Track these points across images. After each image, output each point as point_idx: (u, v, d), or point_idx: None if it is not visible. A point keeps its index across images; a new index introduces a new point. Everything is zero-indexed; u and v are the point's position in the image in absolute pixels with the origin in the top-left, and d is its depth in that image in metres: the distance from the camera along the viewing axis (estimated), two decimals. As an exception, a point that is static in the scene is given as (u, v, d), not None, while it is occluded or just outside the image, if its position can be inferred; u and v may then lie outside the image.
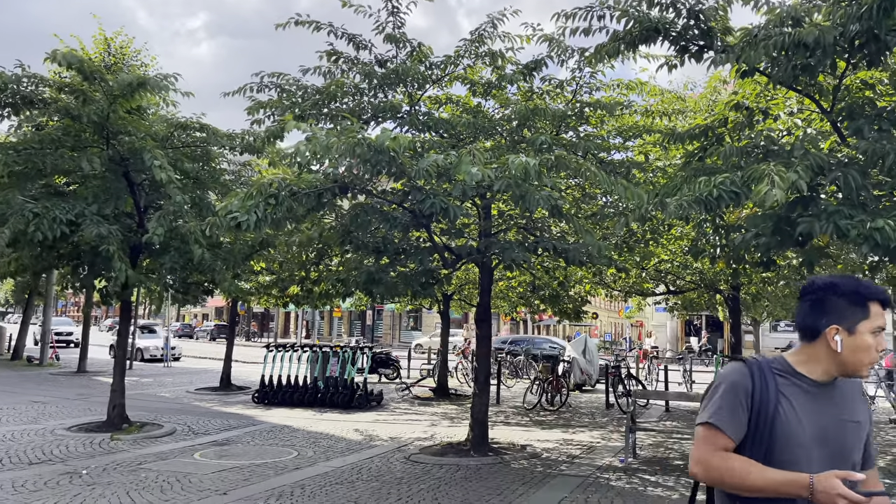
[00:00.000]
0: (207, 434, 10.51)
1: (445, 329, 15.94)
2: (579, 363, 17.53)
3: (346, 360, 14.31)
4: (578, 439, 10.27)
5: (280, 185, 5.34)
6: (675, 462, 8.51)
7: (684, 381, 17.51)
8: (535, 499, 6.61)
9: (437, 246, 6.82)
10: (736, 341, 13.64)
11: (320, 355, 14.45)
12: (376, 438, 10.23)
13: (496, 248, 6.55)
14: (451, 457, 8.60)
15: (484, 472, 7.76)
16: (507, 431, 10.97)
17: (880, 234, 4.71)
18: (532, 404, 13.88)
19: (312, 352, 14.74)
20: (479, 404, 9.01)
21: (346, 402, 13.67)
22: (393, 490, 6.94)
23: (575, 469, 7.98)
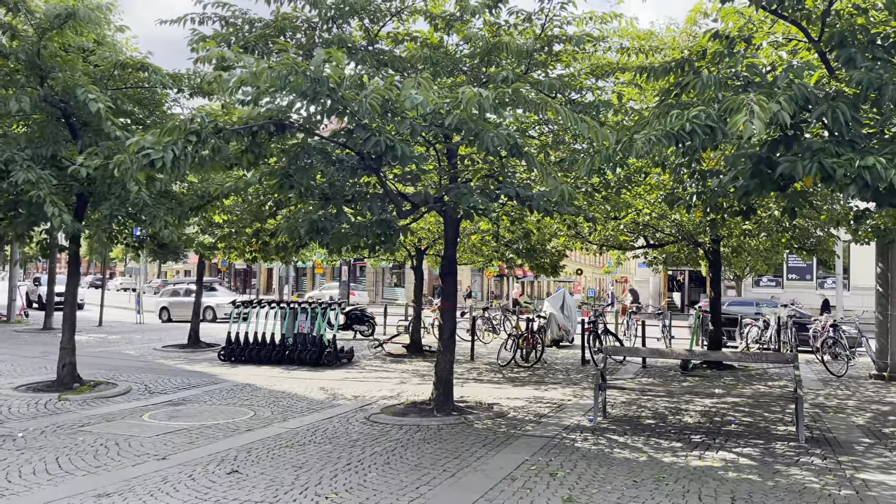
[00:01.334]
0: (164, 393, 10.05)
1: (419, 285, 15.49)
2: (557, 319, 17.19)
3: (317, 317, 13.85)
4: (550, 397, 9.90)
5: (203, 122, 4.73)
6: (646, 421, 8.15)
7: (663, 337, 17.24)
8: (493, 462, 6.21)
9: (390, 192, 6.25)
10: (716, 296, 13.26)
11: (289, 312, 13.99)
12: (340, 397, 9.81)
13: (453, 194, 6.00)
14: (412, 416, 8.19)
15: (444, 433, 7.35)
16: (478, 389, 10.59)
17: (870, 174, 4.21)
18: (506, 361, 13.53)
19: (281, 308, 14.27)
20: (444, 362, 8.57)
21: (315, 359, 13.25)
22: (344, 453, 6.52)
23: (541, 429, 7.59)
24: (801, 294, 34.21)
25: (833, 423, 8.25)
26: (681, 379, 11.90)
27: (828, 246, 12.18)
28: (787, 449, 6.79)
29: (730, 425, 7.97)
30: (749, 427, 7.90)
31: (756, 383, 11.57)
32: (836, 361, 12.77)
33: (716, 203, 6.71)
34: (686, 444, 6.97)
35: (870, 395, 10.65)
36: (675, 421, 8.19)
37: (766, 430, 7.75)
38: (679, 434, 7.43)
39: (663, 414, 8.62)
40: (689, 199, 6.60)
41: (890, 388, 11.22)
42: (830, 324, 13.31)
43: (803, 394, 7.25)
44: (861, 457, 6.52)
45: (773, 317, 15.89)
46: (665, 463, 6.20)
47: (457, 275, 8.79)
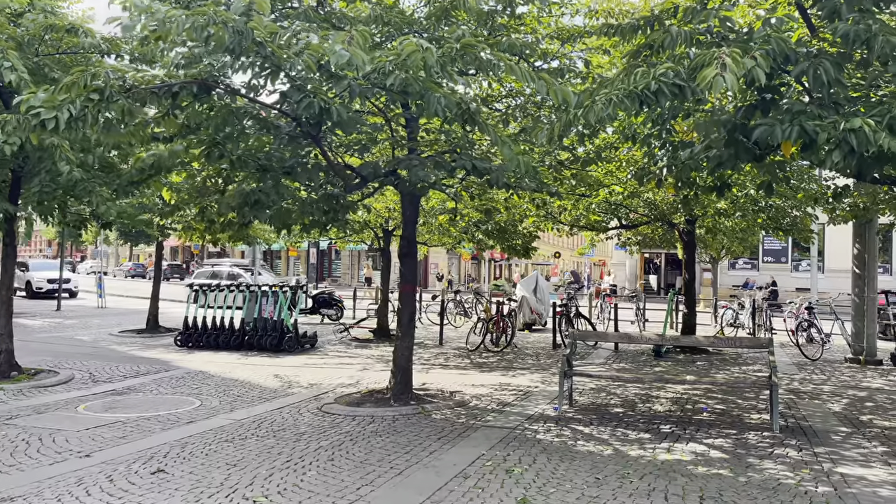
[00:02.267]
0: (109, 382, 9.45)
1: (386, 266, 14.93)
2: (529, 302, 16.78)
3: (281, 301, 13.28)
4: (517, 383, 9.46)
5: (107, 78, 4.13)
6: (614, 410, 7.72)
7: (637, 321, 16.90)
8: (447, 457, 5.73)
9: (333, 163, 5.69)
10: (690, 278, 12.89)
11: (248, 295, 13.40)
12: (296, 385, 9.29)
13: (403, 166, 5.45)
14: (368, 406, 7.69)
15: (399, 425, 6.86)
16: (443, 375, 10.12)
17: (856, 138, 3.73)
18: (475, 345, 13.07)
19: (243, 292, 13.66)
20: (402, 349, 8.07)
21: (275, 345, 12.68)
22: (287, 448, 6.00)
23: (502, 419, 7.14)
24: (777, 276, 34.20)
25: (808, 410, 7.90)
26: (653, 364, 11.52)
27: (805, 225, 11.82)
28: (761, 439, 6.40)
29: (701, 413, 7.58)
30: (721, 415, 7.51)
31: (730, 368, 11.23)
32: (811, 345, 12.49)
33: (688, 177, 6.24)
34: (655, 434, 6.55)
35: (845, 379, 10.35)
36: (645, 409, 7.78)
37: (740, 418, 7.37)
38: (648, 424, 7.01)
39: (633, 401, 8.21)
40: (658, 173, 6.13)
41: (866, 373, 10.94)
42: (805, 306, 13.01)
43: (778, 380, 6.86)
44: (838, 448, 6.15)
45: (747, 299, 15.61)
46: (631, 457, 5.77)
47: (416, 256, 8.27)
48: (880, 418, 7.55)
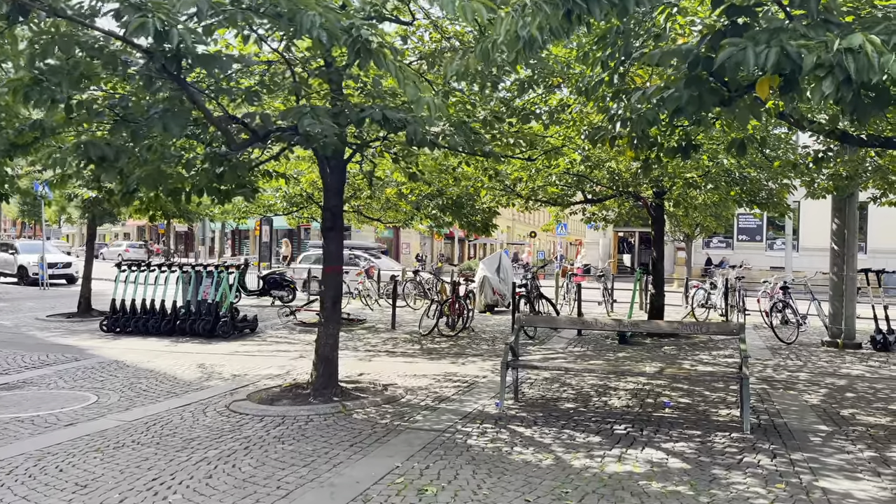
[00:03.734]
0: (5, 374, 8.34)
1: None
2: (491, 282, 15.82)
3: (224, 283, 12.17)
4: (464, 373, 8.50)
5: None
6: (565, 405, 6.78)
7: (604, 301, 16.04)
8: (352, 471, 4.74)
9: (209, 112, 4.57)
10: (659, 256, 11.98)
11: (193, 276, 12.26)
12: (216, 377, 8.24)
13: (291, 117, 4.38)
14: (283, 404, 6.66)
15: (310, 428, 5.85)
16: (386, 364, 9.12)
17: (855, 61, 2.74)
18: (428, 329, 12.09)
19: (172, 272, 12.52)
20: (325, 337, 7.04)
21: (209, 330, 11.60)
22: (161, 461, 4.97)
23: (434, 418, 6.15)
24: (752, 255, 33.65)
25: (783, 403, 7.02)
26: (617, 349, 10.63)
27: (781, 198, 10.93)
28: (730, 442, 5.49)
29: (663, 409, 6.66)
30: (686, 411, 6.60)
31: (700, 353, 10.37)
32: (785, 327, 11.68)
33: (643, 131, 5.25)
34: (606, 437, 5.61)
35: (823, 365, 9.52)
36: (600, 404, 6.84)
37: (706, 414, 6.46)
38: (601, 423, 6.07)
39: (588, 395, 7.28)
40: (611, 129, 5.13)
41: (844, 358, 10.14)
42: (780, 286, 12.18)
43: (749, 373, 5.94)
44: (819, 453, 5.25)
45: (720, 278, 14.79)
46: (574, 468, 4.82)
47: (341, 231, 7.22)
48: (863, 412, 6.69)
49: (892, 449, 5.38)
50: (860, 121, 3.54)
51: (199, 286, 12.17)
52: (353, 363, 9.22)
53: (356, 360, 9.55)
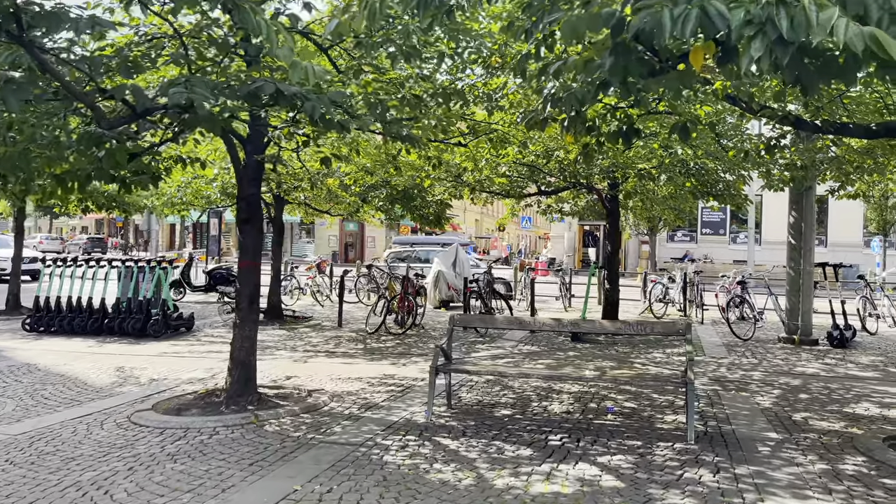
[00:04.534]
0: None
1: (278, 240, 13.15)
2: (446, 277, 15.28)
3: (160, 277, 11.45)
4: (403, 375, 7.95)
5: None
6: (501, 411, 6.26)
7: (561, 296, 15.62)
8: (241, 497, 4.15)
9: (67, 84, 3.92)
10: (613, 250, 11.56)
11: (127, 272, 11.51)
12: (132, 381, 7.57)
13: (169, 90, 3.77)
14: (190, 414, 6.04)
15: (212, 443, 5.25)
16: (321, 366, 8.53)
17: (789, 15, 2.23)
18: (375, 327, 11.52)
19: (101, 267, 11.75)
20: (240, 339, 6.42)
21: (139, 328, 10.88)
22: (26, 486, 4.33)
23: (354, 430, 5.59)
24: (715, 249, 33.66)
25: (734, 406, 6.60)
26: (569, 348, 10.18)
27: (738, 190, 10.56)
28: (671, 454, 5.02)
29: (606, 415, 6.19)
30: (629, 417, 6.14)
31: (654, 351, 9.97)
32: (743, 323, 11.34)
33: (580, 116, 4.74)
34: (539, 450, 5.10)
35: (778, 363, 9.18)
36: (539, 410, 6.35)
37: (650, 421, 6.00)
38: (536, 432, 5.57)
39: (529, 399, 6.78)
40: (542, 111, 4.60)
41: (800, 355, 9.81)
42: (738, 281, 11.86)
43: (694, 377, 5.48)
44: (766, 465, 4.81)
45: (678, 272, 14.46)
46: (496, 489, 4.29)
47: (260, 223, 6.60)
48: (817, 416, 6.30)
49: (846, 460, 4.97)
50: (806, 93, 3.05)
51: (135, 282, 11.43)
52: (286, 365, 8.62)
53: (291, 361, 8.95)
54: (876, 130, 5.61)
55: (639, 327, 6.11)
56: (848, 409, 6.60)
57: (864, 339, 11.43)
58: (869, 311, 12.24)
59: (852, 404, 6.84)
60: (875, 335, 11.88)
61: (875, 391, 7.53)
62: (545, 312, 14.99)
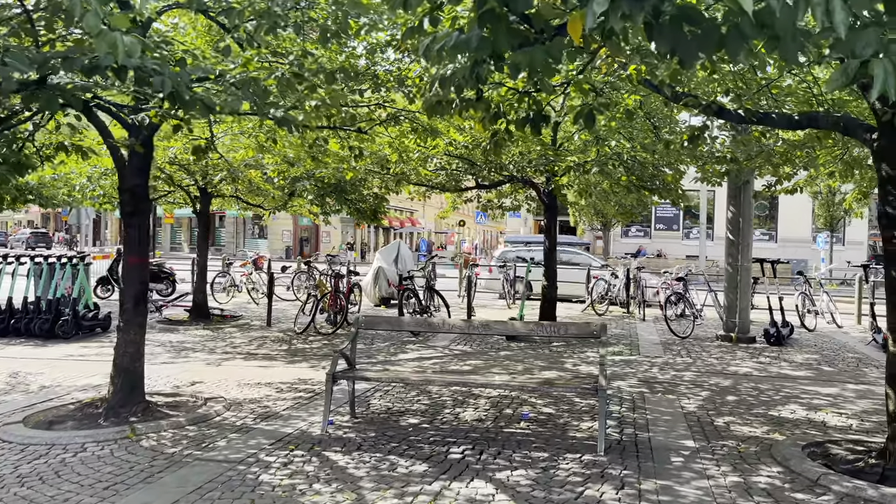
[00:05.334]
0: None
1: (203, 235, 12.49)
2: (387, 274, 14.81)
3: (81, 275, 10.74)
4: (318, 380, 7.45)
5: None
6: (408, 420, 5.83)
7: (505, 294, 15.27)
8: (78, 530, 3.64)
9: None
10: (550, 247, 11.22)
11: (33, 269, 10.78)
12: (20, 389, 6.95)
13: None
14: (62, 427, 5.46)
15: (75, 462, 4.70)
16: (234, 370, 7.98)
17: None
18: (303, 327, 10.99)
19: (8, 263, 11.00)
20: (124, 343, 5.86)
21: (47, 329, 10.17)
22: None
23: (239, 444, 5.09)
24: (669, 244, 33.82)
25: (657, 410, 6.28)
26: (501, 347, 9.81)
27: (677, 184, 10.30)
28: (577, 468, 4.64)
29: (520, 422, 5.80)
30: (544, 424, 5.76)
31: (589, 350, 9.65)
32: (682, 320, 11.12)
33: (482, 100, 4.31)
34: (436, 464, 4.68)
35: (712, 362, 8.94)
36: (451, 418, 5.93)
37: (564, 429, 5.63)
38: (439, 444, 5.14)
39: (443, 405, 6.36)
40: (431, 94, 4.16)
41: (736, 353, 9.60)
42: (676, 277, 11.64)
43: (606, 383, 5.11)
44: (675, 479, 4.46)
45: (621, 269, 14.22)
46: (373, 514, 3.86)
47: (146, 215, 6.04)
48: (740, 420, 6.01)
49: (760, 471, 4.65)
50: (683, 65, 2.67)
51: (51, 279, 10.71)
52: (197, 369, 8.06)
53: (203, 365, 8.38)
54: (798, 121, 5.32)
55: (552, 329, 5.73)
56: (774, 413, 6.34)
57: (802, 336, 11.32)
58: (808, 307, 12.15)
59: (779, 406, 6.59)
60: (814, 332, 11.79)
61: (805, 392, 7.32)
62: (488, 310, 14.63)
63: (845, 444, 5.21)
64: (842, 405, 6.75)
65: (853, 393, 7.30)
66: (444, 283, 16.44)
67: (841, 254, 30.10)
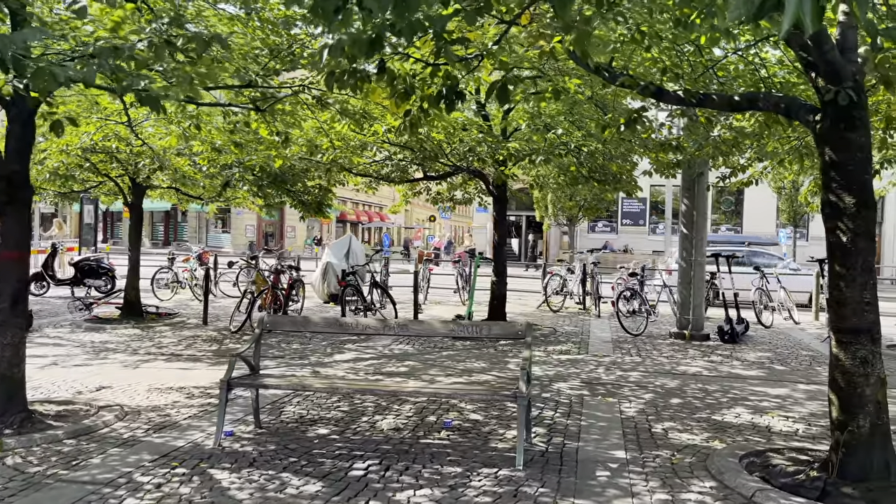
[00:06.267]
0: None
1: (136, 228, 11.76)
2: (336, 270, 14.20)
3: None
4: (237, 383, 6.87)
5: None
6: (317, 431, 5.30)
7: (459, 289, 14.80)
8: None
9: None
10: (499, 240, 10.76)
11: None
12: None
13: None
14: (-78, 443, 4.83)
15: (-88, 485, 4.09)
16: (150, 373, 7.37)
17: None
18: (239, 325, 10.38)
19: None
20: (0, 348, 5.24)
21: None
22: None
23: (116, 461, 4.52)
24: (635, 239, 33.67)
25: (593, 415, 5.84)
26: (445, 347, 9.30)
27: (629, 176, 9.89)
28: (489, 486, 4.16)
29: (440, 432, 5.30)
30: (467, 433, 5.27)
31: (535, 349, 9.20)
32: (635, 317, 10.73)
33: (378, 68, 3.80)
34: (331, 483, 4.16)
35: (662, 361, 8.55)
36: (366, 427, 5.41)
37: (487, 439, 5.15)
38: (344, 458, 4.62)
39: (362, 412, 5.84)
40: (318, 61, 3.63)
41: (688, 352, 9.23)
42: (630, 272, 11.25)
43: (527, 389, 4.62)
44: (596, 497, 4.00)
45: (578, 264, 13.83)
46: (238, 547, 3.33)
47: (27, 206, 5.42)
48: (681, 426, 5.59)
49: (692, 486, 4.22)
50: (558, 12, 2.18)
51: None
52: (110, 372, 7.44)
53: (119, 367, 7.75)
54: (738, 102, 4.89)
55: (473, 329, 5.23)
56: (717, 417, 5.94)
57: (758, 332, 11.02)
58: (765, 303, 11.86)
59: (724, 410, 6.19)
60: (770, 328, 11.50)
61: (753, 393, 6.94)
62: (441, 307, 14.14)
63: (788, 453, 4.80)
64: (790, 408, 6.38)
65: (803, 394, 6.95)
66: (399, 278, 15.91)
67: (805, 249, 30.16)
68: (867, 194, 4.17)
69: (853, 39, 4.28)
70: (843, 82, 4.11)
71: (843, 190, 4.18)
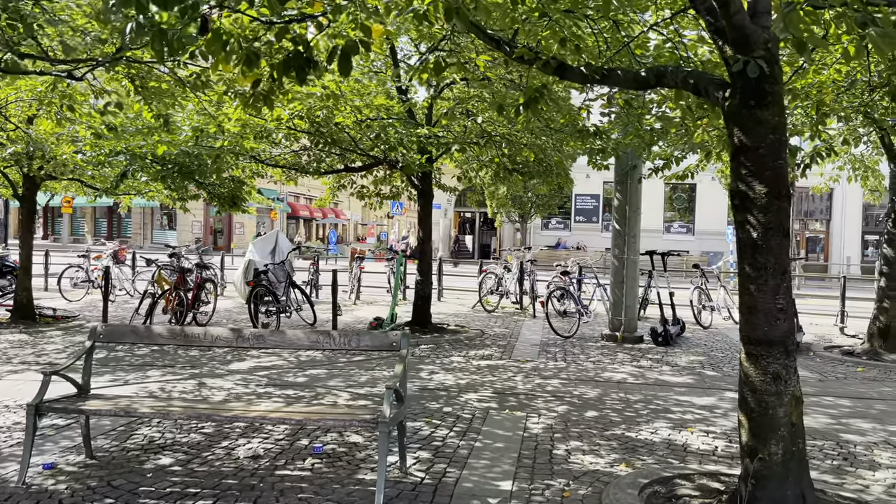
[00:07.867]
0: None
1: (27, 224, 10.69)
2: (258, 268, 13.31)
3: None
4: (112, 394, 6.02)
5: None
6: (159, 461, 4.51)
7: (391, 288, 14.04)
8: None
9: None
10: (424, 237, 10.05)
11: None
12: None
13: None
14: None
15: None
16: (12, 385, 6.47)
17: None
18: (137, 330, 9.46)
19: None
20: None
21: None
22: None
23: None
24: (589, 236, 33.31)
25: (493, 434, 5.17)
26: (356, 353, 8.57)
27: (561, 169, 9.28)
28: (335, 533, 3.44)
29: (304, 460, 4.57)
30: (336, 461, 4.54)
31: (454, 356, 8.52)
32: (567, 318, 10.12)
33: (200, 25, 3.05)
34: (139, 535, 3.39)
35: (588, 366, 7.95)
36: (219, 454, 4.64)
37: (358, 468, 4.42)
38: (176, 497, 3.86)
39: (223, 435, 5.06)
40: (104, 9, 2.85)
41: (617, 355, 8.66)
42: (563, 271, 10.66)
43: (391, 415, 3.91)
44: (457, 548, 3.32)
45: (514, 262, 13.21)
46: None
47: None
48: (588, 445, 4.95)
49: (577, 528, 3.56)
50: None
51: None
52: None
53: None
54: (645, 77, 4.26)
55: (342, 340, 4.48)
56: (632, 433, 5.32)
57: (695, 334, 10.53)
58: (704, 302, 11.40)
59: (643, 424, 5.59)
60: (708, 329, 11.04)
61: (678, 403, 6.37)
62: (375, 307, 13.40)
63: (698, 480, 4.19)
64: (713, 420, 5.81)
65: (730, 403, 6.39)
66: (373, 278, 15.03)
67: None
68: (780, 183, 3.57)
69: (766, 3, 3.68)
70: (753, 51, 3.50)
71: (753, 177, 3.57)
